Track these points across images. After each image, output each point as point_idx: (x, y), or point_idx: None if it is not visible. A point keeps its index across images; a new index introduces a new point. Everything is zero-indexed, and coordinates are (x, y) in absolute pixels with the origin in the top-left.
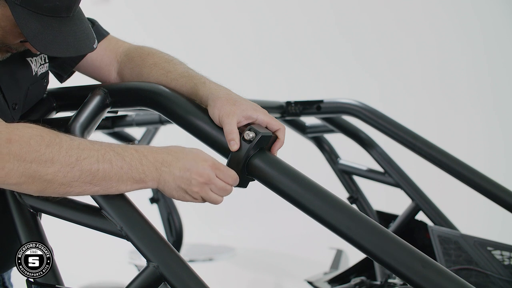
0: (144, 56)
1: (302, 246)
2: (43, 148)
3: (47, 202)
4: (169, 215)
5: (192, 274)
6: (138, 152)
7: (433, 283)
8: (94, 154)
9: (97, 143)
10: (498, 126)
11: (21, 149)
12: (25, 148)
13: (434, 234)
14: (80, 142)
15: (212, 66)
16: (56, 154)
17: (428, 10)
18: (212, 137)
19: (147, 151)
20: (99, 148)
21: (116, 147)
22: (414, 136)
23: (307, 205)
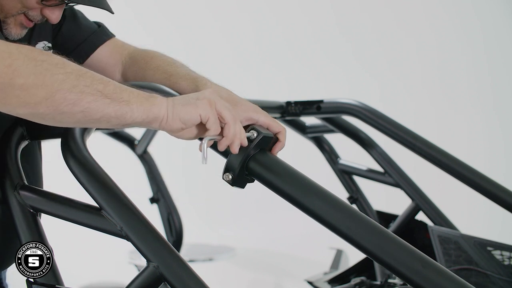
0: (148, 59)
1: (302, 246)
2: (54, 56)
3: (47, 202)
4: (169, 215)
5: (192, 274)
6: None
7: (433, 283)
8: (103, 76)
9: None
10: (498, 126)
11: (32, 51)
12: (37, 51)
13: (434, 234)
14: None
15: (212, 66)
16: (67, 61)
17: (428, 10)
18: None
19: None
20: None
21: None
22: (414, 136)
23: (307, 205)
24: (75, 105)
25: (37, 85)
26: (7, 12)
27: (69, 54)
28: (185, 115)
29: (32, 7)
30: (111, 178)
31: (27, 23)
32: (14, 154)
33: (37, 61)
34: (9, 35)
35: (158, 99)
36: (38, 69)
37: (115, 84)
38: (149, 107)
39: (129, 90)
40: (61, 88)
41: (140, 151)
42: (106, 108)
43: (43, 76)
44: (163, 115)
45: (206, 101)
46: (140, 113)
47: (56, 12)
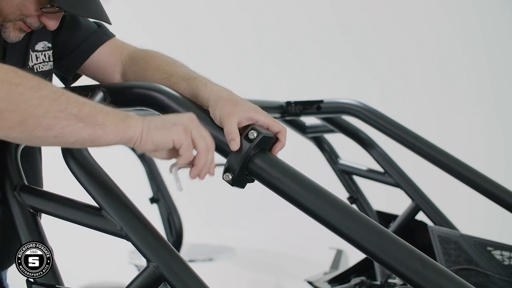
0: (148, 59)
1: (302, 246)
2: (29, 77)
3: (47, 202)
4: (169, 215)
5: (192, 274)
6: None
7: (433, 283)
8: (77, 96)
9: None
10: (498, 126)
11: (6, 73)
12: (12, 73)
13: (434, 234)
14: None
15: (212, 66)
16: (43, 84)
17: (428, 10)
18: (212, 137)
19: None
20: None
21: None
22: (414, 136)
23: (307, 205)
24: (49, 130)
25: (11, 110)
26: (5, 17)
27: (69, 55)
28: (158, 139)
29: (30, 14)
30: (111, 178)
31: (25, 28)
32: (14, 154)
33: (11, 85)
34: (8, 38)
35: (134, 121)
36: (12, 94)
37: (90, 106)
38: (123, 129)
39: (105, 111)
40: (35, 114)
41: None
42: (81, 132)
43: (17, 101)
44: (137, 136)
45: (181, 127)
46: (114, 136)
47: (53, 20)
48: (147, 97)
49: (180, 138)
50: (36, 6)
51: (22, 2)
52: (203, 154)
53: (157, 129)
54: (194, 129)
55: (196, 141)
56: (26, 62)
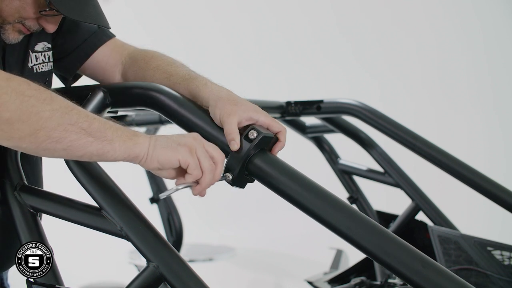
0: (148, 59)
1: (302, 246)
2: (42, 89)
3: (47, 202)
4: (169, 215)
5: (192, 274)
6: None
7: (433, 283)
8: (88, 112)
9: None
10: (498, 126)
11: (20, 85)
12: (25, 85)
13: (434, 234)
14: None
15: (212, 66)
16: (55, 97)
17: (428, 10)
18: (212, 137)
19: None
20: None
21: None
22: (414, 136)
23: (307, 205)
24: (58, 143)
25: (22, 121)
26: (4, 19)
27: (69, 55)
28: (163, 158)
29: (29, 17)
30: (111, 178)
31: (25, 30)
32: (14, 154)
33: (24, 96)
34: (7, 40)
35: (141, 139)
36: (24, 105)
37: (100, 122)
38: (131, 146)
39: (114, 127)
40: (46, 126)
41: None
42: (89, 147)
43: (29, 112)
44: (143, 154)
45: (186, 148)
46: (121, 152)
47: (52, 23)
48: (147, 97)
49: (187, 159)
50: (35, 9)
51: (21, 5)
52: (207, 174)
53: (163, 147)
54: (198, 149)
55: (201, 160)
56: (25, 63)
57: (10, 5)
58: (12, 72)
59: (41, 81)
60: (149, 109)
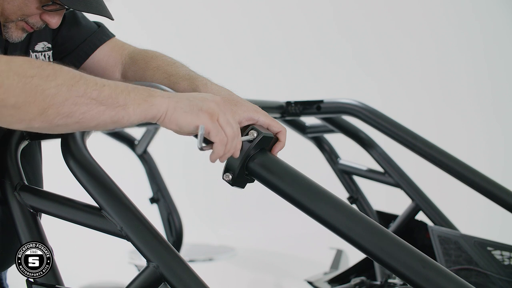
0: (148, 59)
1: (302, 246)
2: (45, 65)
3: (47, 202)
4: (169, 215)
5: (192, 274)
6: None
7: (433, 283)
8: (97, 78)
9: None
10: (498, 126)
11: (21, 66)
12: (26, 65)
13: (434, 234)
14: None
15: (212, 66)
16: (58, 70)
17: (427, 10)
18: None
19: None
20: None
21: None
22: (414, 136)
23: (307, 205)
24: (69, 117)
25: (29, 103)
26: (7, 17)
27: (69, 54)
28: (183, 122)
29: (32, 13)
30: (111, 178)
31: (28, 28)
32: (14, 154)
33: (27, 78)
34: (10, 38)
35: (158, 99)
36: (28, 87)
37: (111, 87)
38: (146, 108)
39: (126, 91)
40: (53, 103)
41: (140, 151)
42: (102, 116)
43: (34, 93)
44: (162, 115)
45: (208, 114)
46: (137, 116)
47: (55, 18)
48: None
49: (208, 125)
50: (37, 4)
51: (23, 2)
52: (229, 141)
53: (184, 112)
54: (221, 115)
55: (224, 128)
56: None
57: (12, 3)
58: None
59: None
60: None
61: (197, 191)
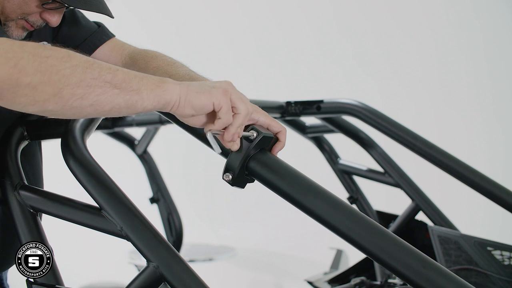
0: (148, 59)
1: (302, 246)
2: (59, 49)
3: (47, 202)
4: (169, 215)
5: (192, 274)
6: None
7: (433, 283)
8: (109, 64)
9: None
10: (498, 126)
11: (36, 48)
12: (40, 47)
13: (434, 234)
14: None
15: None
16: (73, 54)
17: (427, 10)
18: None
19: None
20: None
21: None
22: (414, 136)
23: (307, 205)
24: (84, 99)
25: (44, 82)
26: (7, 16)
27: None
28: (198, 103)
29: (32, 12)
30: (111, 178)
31: (28, 27)
32: (14, 154)
33: (42, 58)
34: (10, 37)
35: (170, 85)
36: (43, 66)
37: (124, 72)
38: (160, 93)
39: (139, 76)
40: (68, 83)
41: (140, 151)
42: (116, 99)
43: (49, 72)
44: (175, 100)
45: (221, 90)
46: (150, 101)
47: (56, 16)
48: None
49: (220, 101)
50: (37, 2)
51: (23, 0)
52: (243, 116)
53: (197, 92)
54: (234, 92)
55: (237, 103)
56: None
57: (13, 2)
58: None
59: None
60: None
61: (197, 191)
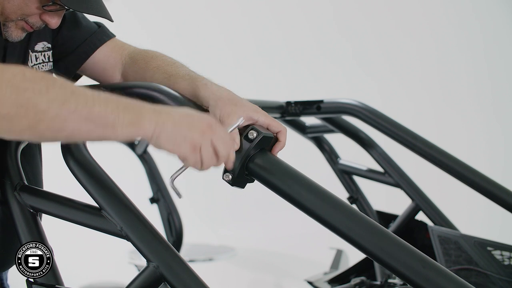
0: (148, 59)
1: (302, 246)
2: (38, 79)
3: (47, 202)
4: (169, 215)
5: (192, 274)
6: (136, 101)
7: (433, 283)
8: (88, 92)
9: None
10: (498, 126)
11: (15, 77)
12: (20, 76)
13: (434, 234)
14: (72, 83)
15: (212, 66)
16: (51, 85)
17: (427, 10)
18: None
19: (146, 102)
20: (93, 90)
21: (111, 94)
22: (414, 136)
23: (307, 205)
24: (59, 132)
25: (21, 116)
26: (7, 17)
27: (69, 55)
28: (165, 148)
29: (32, 13)
30: (111, 178)
31: (28, 28)
32: (14, 154)
33: (19, 90)
34: (9, 37)
35: (146, 123)
36: (21, 99)
37: (101, 106)
38: (133, 131)
39: (116, 110)
40: (44, 118)
41: (140, 151)
42: (90, 133)
43: (26, 106)
44: (148, 137)
45: (191, 146)
46: (124, 136)
47: (55, 18)
48: (147, 97)
49: (186, 157)
50: (37, 4)
51: (23, 2)
52: (220, 161)
53: (167, 139)
54: (204, 147)
55: (204, 160)
56: (25, 62)
57: (13, 3)
58: None
59: None
60: None
61: (197, 191)
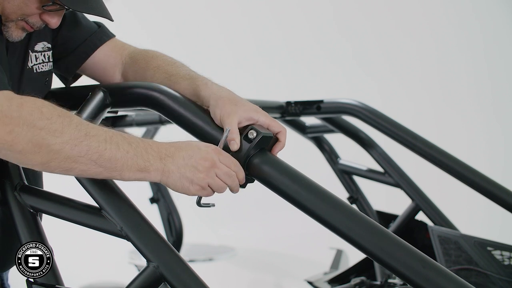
0: (148, 59)
1: (302, 246)
2: (54, 117)
3: (47, 202)
4: (169, 215)
5: (192, 274)
6: (143, 141)
7: (433, 283)
8: (102, 134)
9: (104, 127)
10: (498, 126)
11: (32, 115)
12: (36, 114)
13: (434, 234)
14: (89, 122)
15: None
16: (67, 125)
17: (427, 11)
18: (212, 137)
19: (151, 142)
20: (107, 130)
21: (122, 133)
22: (414, 136)
23: (307, 205)
24: (69, 171)
25: (34, 153)
26: (7, 17)
27: (69, 55)
28: (176, 191)
29: (32, 13)
30: None
31: (28, 28)
32: None
33: (35, 129)
34: (10, 37)
35: (153, 172)
36: (36, 139)
37: (111, 151)
38: (140, 177)
39: (126, 156)
40: (56, 158)
41: None
42: (99, 174)
43: (40, 145)
44: (156, 182)
45: (199, 187)
46: (131, 179)
47: (55, 18)
48: (147, 97)
49: (197, 194)
50: (37, 4)
51: (23, 2)
52: (231, 189)
53: (174, 186)
54: (211, 184)
55: (215, 191)
56: (25, 62)
57: (13, 3)
58: (12, 72)
59: (41, 81)
60: (149, 109)
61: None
